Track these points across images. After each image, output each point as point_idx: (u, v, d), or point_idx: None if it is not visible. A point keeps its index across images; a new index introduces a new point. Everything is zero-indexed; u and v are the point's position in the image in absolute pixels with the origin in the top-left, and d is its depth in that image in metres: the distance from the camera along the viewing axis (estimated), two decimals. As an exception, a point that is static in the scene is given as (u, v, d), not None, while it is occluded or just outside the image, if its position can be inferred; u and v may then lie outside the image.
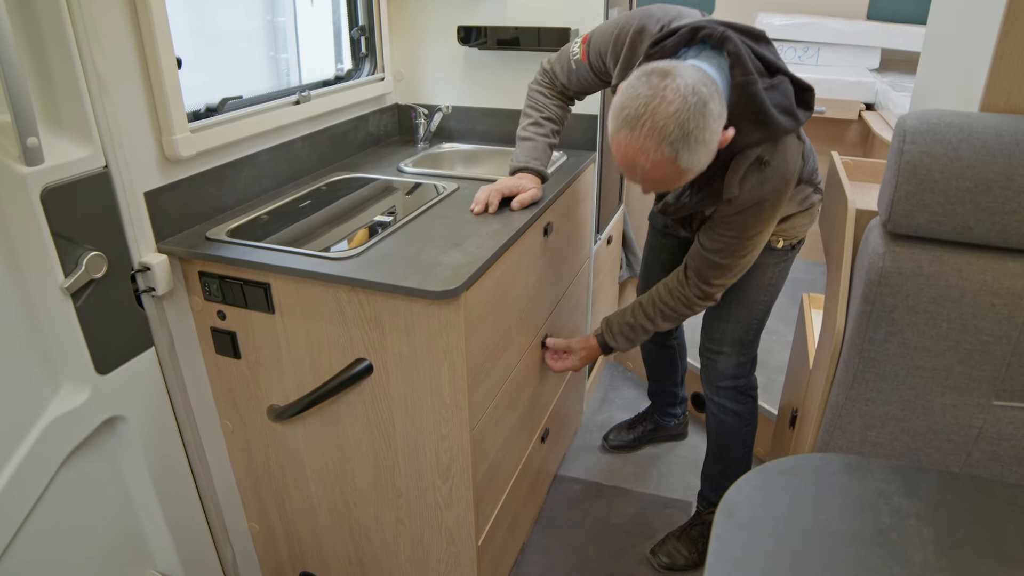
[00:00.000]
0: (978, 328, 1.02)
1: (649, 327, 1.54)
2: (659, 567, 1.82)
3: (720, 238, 1.38)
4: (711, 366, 1.69)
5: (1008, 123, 0.99)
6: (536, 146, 1.55)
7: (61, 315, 1.15)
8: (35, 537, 1.19)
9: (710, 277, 1.43)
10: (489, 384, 1.39)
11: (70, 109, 1.13)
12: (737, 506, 0.87)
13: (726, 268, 1.42)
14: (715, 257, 1.40)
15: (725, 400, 1.69)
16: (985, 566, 0.79)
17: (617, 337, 1.58)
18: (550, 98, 1.58)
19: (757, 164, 1.26)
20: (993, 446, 1.08)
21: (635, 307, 1.56)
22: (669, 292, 1.50)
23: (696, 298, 1.47)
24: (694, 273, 1.45)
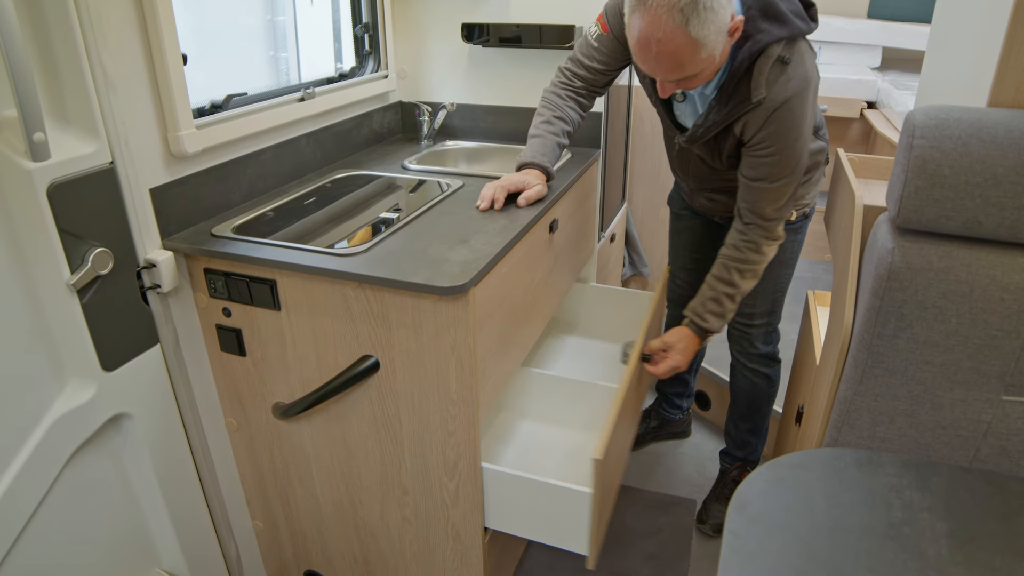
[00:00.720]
0: (987, 323, 1.02)
1: (732, 292, 1.51)
2: (713, 532, 1.95)
3: (762, 160, 1.37)
4: (744, 338, 1.82)
5: (1018, 118, 0.99)
6: (544, 143, 1.55)
7: (67, 311, 1.15)
8: (41, 534, 1.18)
9: (767, 210, 1.42)
10: (496, 380, 1.39)
11: (76, 105, 1.13)
12: (750, 500, 0.87)
13: (778, 193, 1.40)
14: (764, 184, 1.39)
15: (758, 365, 1.84)
16: (1000, 560, 0.79)
17: (707, 316, 1.54)
18: (564, 99, 1.58)
19: (779, 63, 1.29)
20: (1002, 441, 1.08)
21: (709, 281, 1.54)
22: (735, 247, 1.49)
23: (762, 239, 1.46)
24: (750, 214, 1.44)
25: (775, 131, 1.33)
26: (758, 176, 1.39)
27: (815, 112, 1.39)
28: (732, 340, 1.87)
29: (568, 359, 1.95)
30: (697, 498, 2.08)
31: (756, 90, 1.29)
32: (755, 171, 1.39)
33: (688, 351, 1.58)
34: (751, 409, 1.93)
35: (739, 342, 1.85)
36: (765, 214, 1.43)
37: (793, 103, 1.30)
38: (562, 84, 1.59)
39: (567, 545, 1.40)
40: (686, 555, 1.89)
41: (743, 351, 1.85)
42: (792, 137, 1.33)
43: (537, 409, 1.73)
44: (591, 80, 1.56)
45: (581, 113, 1.61)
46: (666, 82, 1.27)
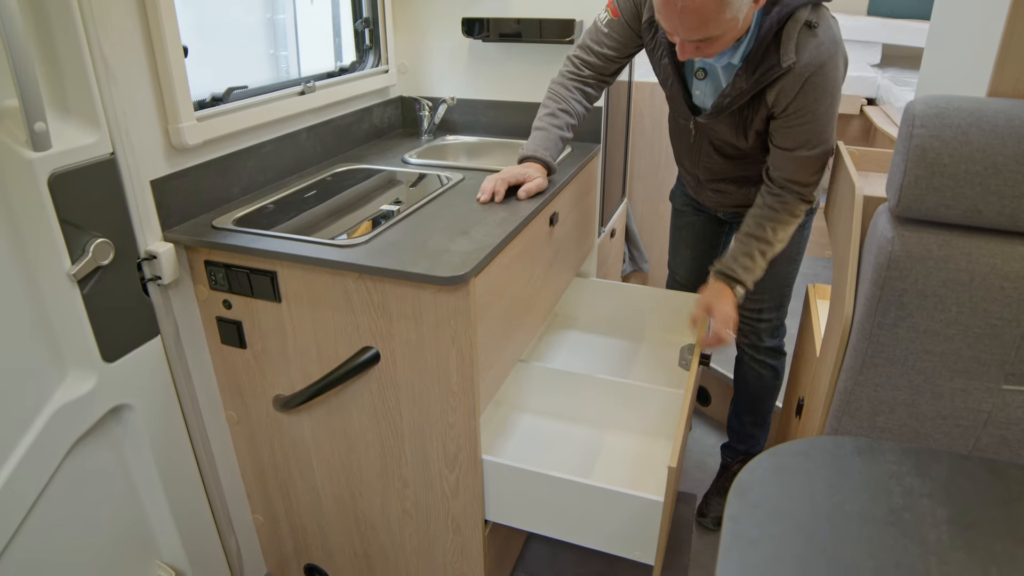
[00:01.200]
0: (987, 312, 1.02)
1: (764, 248, 1.48)
2: (713, 526, 1.95)
3: (800, 128, 1.36)
4: (752, 332, 1.83)
5: (1018, 107, 0.99)
6: (548, 136, 1.55)
7: (68, 301, 1.15)
8: (41, 525, 1.18)
9: (804, 178, 1.42)
10: (497, 372, 1.39)
11: (77, 95, 1.13)
12: (750, 487, 0.87)
13: (816, 160, 1.40)
14: (803, 152, 1.39)
15: (765, 357, 1.86)
16: (1000, 545, 0.79)
17: (737, 269, 1.50)
18: (570, 91, 1.58)
19: (807, 28, 1.28)
20: (1002, 430, 1.08)
21: (740, 238, 1.51)
22: (769, 207, 1.47)
23: (798, 201, 1.45)
24: (786, 182, 1.44)
25: (812, 98, 1.32)
26: (796, 144, 1.38)
27: (844, 80, 1.38)
28: (740, 333, 1.87)
29: (568, 354, 1.95)
30: (698, 492, 2.08)
31: (786, 55, 1.29)
32: (792, 140, 1.38)
33: (725, 300, 1.51)
34: (756, 402, 1.94)
35: (747, 335, 1.86)
36: (803, 180, 1.43)
37: (827, 67, 1.30)
38: (569, 74, 1.59)
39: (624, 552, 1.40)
40: (686, 548, 1.89)
41: (751, 344, 1.86)
42: (827, 102, 1.33)
43: (537, 403, 1.73)
44: (600, 68, 1.56)
45: (587, 105, 1.60)
46: (687, 43, 1.25)
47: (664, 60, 1.47)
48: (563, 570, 1.81)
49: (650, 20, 1.45)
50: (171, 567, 1.48)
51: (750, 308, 1.80)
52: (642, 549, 1.36)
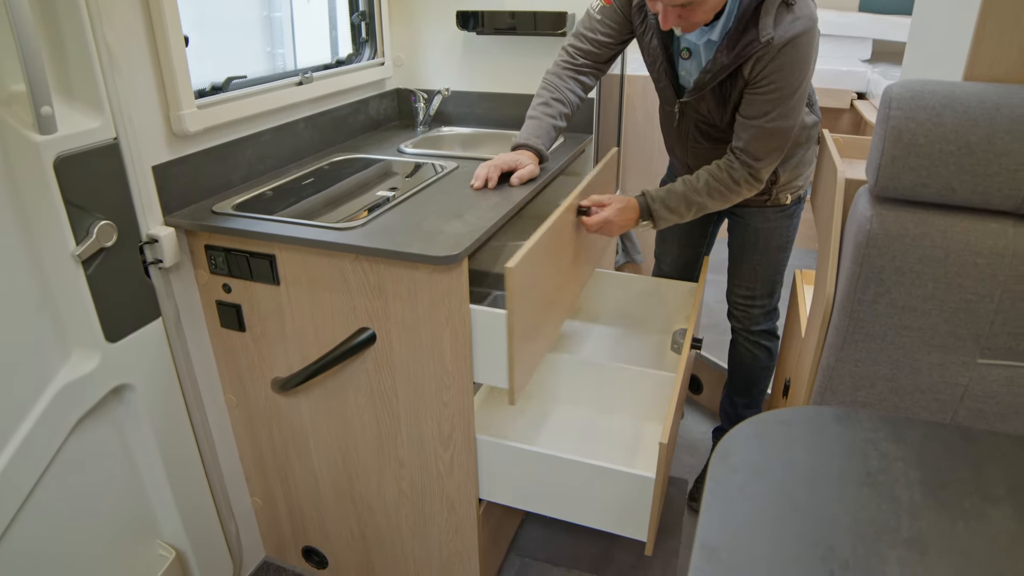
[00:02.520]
0: (962, 287, 1.06)
1: (692, 197, 1.51)
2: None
3: (762, 97, 1.40)
4: (747, 316, 1.89)
5: (989, 90, 1.03)
6: (540, 125, 1.59)
7: (72, 282, 1.18)
8: (45, 504, 1.21)
9: (758, 151, 1.45)
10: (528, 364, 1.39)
11: (82, 81, 1.16)
12: (732, 452, 0.91)
13: (772, 134, 1.43)
14: (761, 122, 1.42)
15: (759, 339, 1.92)
16: (969, 502, 0.83)
17: (657, 199, 1.52)
18: (565, 80, 1.61)
19: (783, 5, 1.34)
20: (979, 404, 1.12)
21: (680, 179, 1.53)
22: (717, 167, 1.50)
23: (746, 176, 1.48)
24: (742, 153, 1.47)
25: (779, 67, 1.36)
26: (757, 114, 1.42)
27: (815, 59, 1.42)
28: (735, 319, 1.93)
29: (561, 340, 1.99)
30: (688, 478, 2.11)
31: (764, 31, 1.33)
32: (753, 108, 1.42)
33: (623, 215, 1.51)
34: (749, 383, 1.99)
35: (741, 320, 1.91)
36: (756, 154, 1.45)
37: (800, 41, 1.34)
38: (564, 63, 1.62)
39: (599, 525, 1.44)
40: (677, 532, 1.92)
41: (744, 327, 1.91)
42: (796, 77, 1.37)
43: (530, 386, 1.76)
44: (594, 55, 1.60)
45: (581, 95, 1.64)
46: (669, 8, 1.29)
47: (653, 42, 1.51)
48: (557, 552, 1.85)
49: (640, 4, 1.50)
50: (172, 547, 1.51)
51: (744, 296, 1.85)
52: (635, 526, 1.40)
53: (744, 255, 1.80)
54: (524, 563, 1.82)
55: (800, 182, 1.70)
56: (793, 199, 1.71)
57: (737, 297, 1.87)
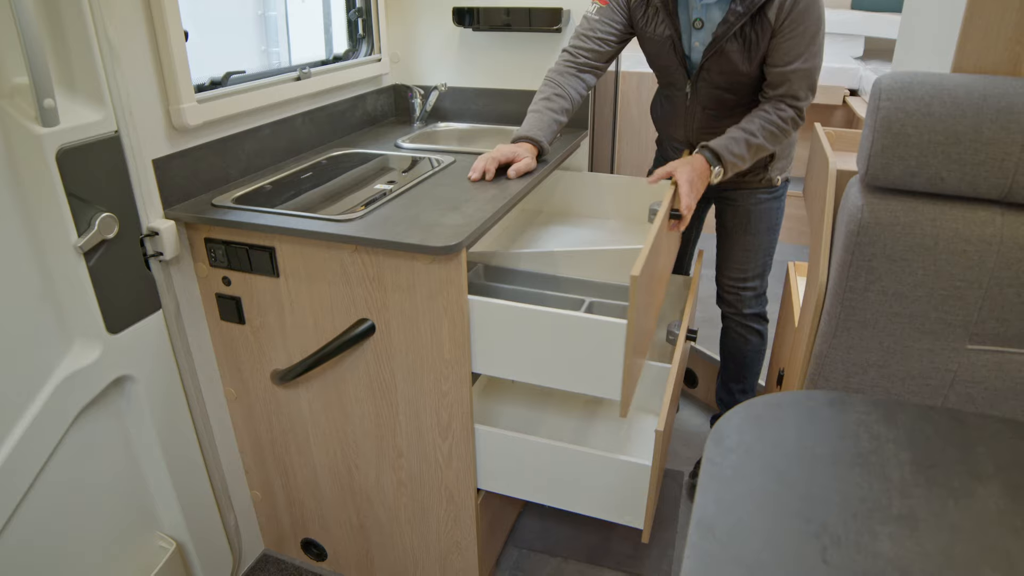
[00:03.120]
0: (951, 274, 1.08)
1: (752, 140, 1.55)
2: None
3: (796, 40, 1.48)
4: (739, 300, 1.93)
5: (976, 81, 1.05)
6: (541, 119, 1.63)
7: (74, 273, 1.19)
8: (46, 495, 1.22)
9: (800, 91, 1.54)
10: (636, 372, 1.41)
11: (83, 74, 1.17)
12: (727, 434, 0.93)
13: (810, 74, 1.53)
14: (799, 63, 1.50)
15: (751, 323, 1.96)
16: (958, 481, 0.85)
17: (721, 150, 1.55)
18: (566, 77, 1.66)
19: None
20: (968, 389, 1.14)
21: (730, 131, 1.58)
22: (765, 111, 1.56)
23: (792, 118, 1.56)
24: (785, 97, 1.55)
25: (804, 6, 1.46)
26: (792, 57, 1.50)
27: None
28: (726, 303, 1.97)
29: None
30: (684, 470, 2.14)
31: None
32: (789, 54, 1.50)
33: (696, 172, 1.54)
34: (743, 369, 2.03)
35: (733, 304, 1.95)
36: (799, 94, 1.54)
37: None
38: (566, 63, 1.68)
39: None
40: (673, 523, 1.94)
41: (737, 311, 1.96)
42: (816, 14, 1.48)
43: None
44: (595, 53, 1.66)
45: (582, 92, 1.68)
46: None
47: (660, 27, 1.58)
48: (555, 543, 1.87)
49: None
50: (172, 538, 1.52)
51: (736, 278, 1.89)
52: (632, 514, 1.42)
53: (735, 237, 1.84)
54: (522, 554, 1.84)
55: (787, 163, 1.78)
56: (782, 180, 1.78)
57: (729, 281, 1.91)
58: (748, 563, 0.73)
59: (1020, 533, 0.77)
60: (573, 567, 1.80)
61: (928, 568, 0.73)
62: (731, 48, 1.53)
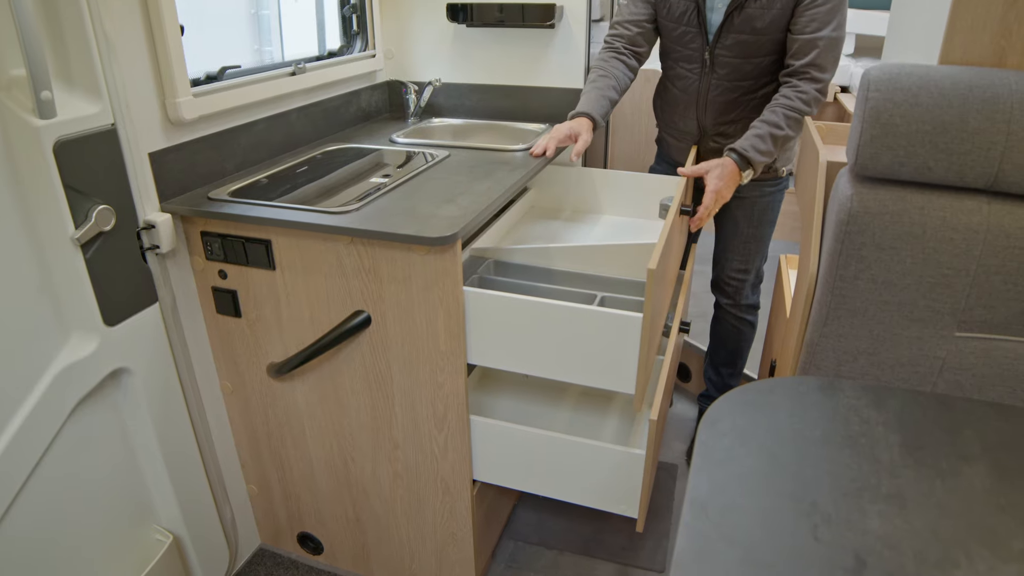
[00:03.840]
0: (939, 262, 1.10)
1: (776, 132, 1.59)
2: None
3: (823, 8, 1.53)
4: (736, 291, 1.98)
5: (962, 72, 1.07)
6: (590, 96, 1.73)
7: (71, 265, 1.20)
8: (43, 487, 1.23)
9: (825, 63, 1.56)
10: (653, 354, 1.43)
11: (80, 67, 1.18)
12: (719, 418, 0.94)
13: (836, 45, 1.56)
14: (827, 31, 1.54)
15: (745, 314, 2.02)
16: (946, 462, 0.87)
17: (749, 149, 1.59)
18: (607, 60, 1.77)
19: None
20: (956, 376, 1.16)
21: (755, 124, 1.61)
22: (786, 97, 1.59)
23: (814, 93, 1.58)
24: (807, 68, 1.57)
25: None
26: (818, 28, 1.54)
27: None
28: (724, 294, 2.01)
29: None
30: (679, 463, 2.15)
31: None
32: (815, 23, 1.54)
33: (726, 178, 1.59)
34: (734, 355, 2.09)
35: (732, 295, 2.00)
36: (824, 66, 1.56)
37: None
38: (606, 49, 1.79)
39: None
40: (667, 515, 1.96)
41: (734, 303, 2.00)
42: None
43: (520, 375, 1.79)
44: (630, 37, 1.76)
45: (627, 72, 1.78)
46: None
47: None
48: (550, 535, 1.88)
49: None
50: (169, 531, 1.53)
51: (738, 269, 1.94)
52: (626, 503, 1.43)
53: (739, 229, 1.88)
54: (517, 546, 1.85)
55: (790, 155, 1.82)
56: (787, 172, 1.83)
57: (732, 271, 1.95)
58: (740, 541, 0.74)
59: (1005, 510, 0.79)
60: (568, 559, 1.81)
61: (916, 544, 0.74)
62: (751, 5, 1.56)
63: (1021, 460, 0.87)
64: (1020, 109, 1.02)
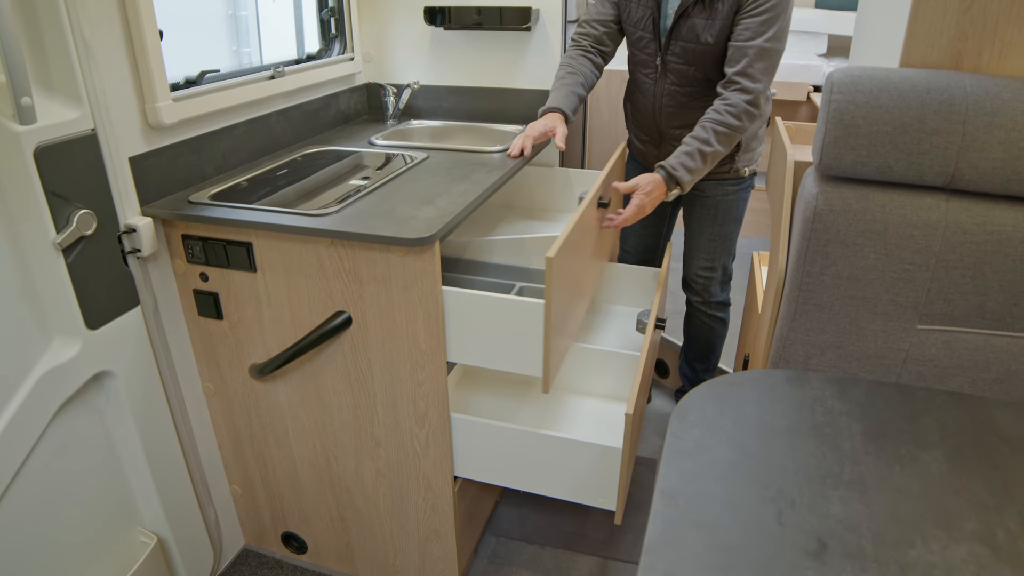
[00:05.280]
0: (901, 258, 1.14)
1: (705, 149, 1.59)
2: None
3: (760, 18, 1.54)
4: (705, 289, 2.02)
5: (921, 75, 1.12)
6: (559, 93, 1.77)
7: (53, 269, 1.21)
8: (26, 491, 1.24)
9: (757, 73, 1.57)
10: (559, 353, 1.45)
11: (60, 73, 1.19)
12: (690, 410, 0.98)
13: (771, 55, 1.57)
14: (760, 41, 1.55)
15: (715, 311, 2.06)
16: (905, 449, 0.91)
17: (677, 166, 1.60)
18: (574, 58, 1.80)
19: None
20: (919, 367, 1.20)
21: (686, 140, 1.63)
22: (716, 111, 1.60)
23: (744, 105, 1.57)
24: (738, 77, 1.58)
25: None
26: (754, 35, 1.55)
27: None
28: (692, 291, 2.06)
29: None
30: (657, 457, 2.19)
31: None
32: (751, 30, 1.55)
33: (654, 194, 1.62)
34: (707, 351, 2.15)
35: (701, 293, 2.04)
36: (755, 76, 1.57)
37: None
38: (574, 47, 1.82)
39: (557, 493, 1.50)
40: (646, 509, 1.99)
41: (703, 300, 2.05)
42: (783, 1, 1.55)
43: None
44: (596, 36, 1.80)
45: (594, 70, 1.81)
46: None
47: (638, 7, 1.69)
48: (531, 531, 1.91)
49: None
50: (153, 533, 1.54)
51: (704, 267, 1.97)
52: (604, 496, 1.46)
53: (704, 228, 1.92)
54: (499, 542, 1.88)
55: (755, 156, 1.85)
56: (749, 172, 1.86)
57: (698, 270, 1.99)
58: (708, 525, 0.77)
59: (959, 494, 0.83)
60: (550, 553, 1.84)
61: (874, 527, 0.78)
62: (696, 14, 1.60)
63: (976, 447, 0.92)
64: (975, 110, 1.06)
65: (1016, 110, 1.05)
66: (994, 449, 0.91)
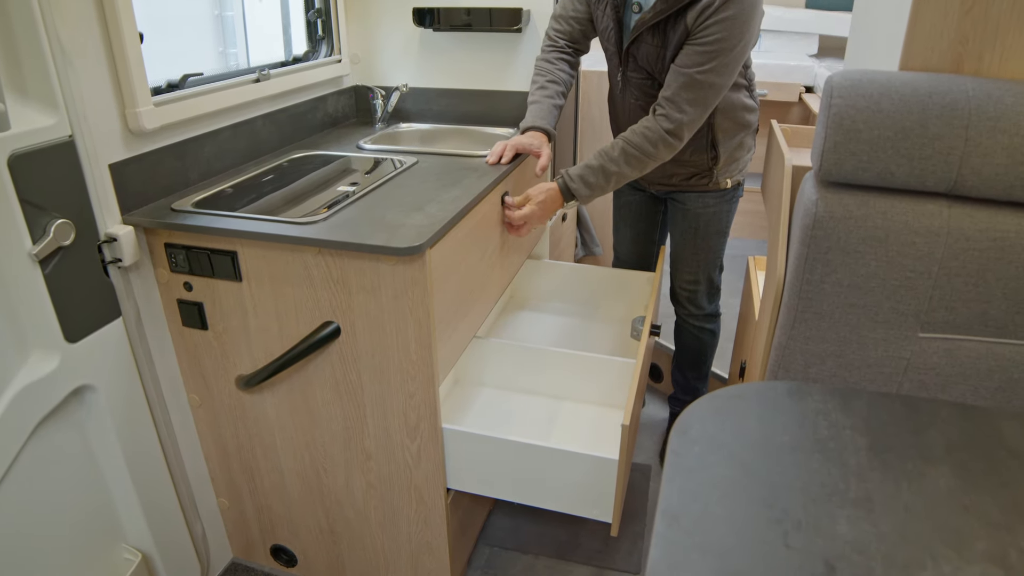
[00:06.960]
0: (902, 265, 1.12)
1: (610, 167, 1.56)
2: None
3: (703, 48, 1.44)
4: (691, 300, 1.99)
5: (922, 78, 1.09)
6: (542, 107, 1.70)
7: (30, 281, 1.17)
8: (6, 508, 1.19)
9: (683, 102, 1.48)
10: (453, 344, 1.44)
11: (35, 78, 1.15)
12: (690, 426, 0.95)
13: (702, 88, 1.47)
14: (694, 71, 1.46)
15: (704, 323, 2.03)
16: (911, 464, 0.88)
17: (576, 178, 1.58)
18: (552, 62, 1.74)
19: None
20: (921, 376, 1.18)
21: (596, 151, 1.60)
22: (633, 132, 1.55)
23: (662, 134, 1.51)
24: (665, 103, 1.51)
25: (722, 19, 1.40)
26: (690, 63, 1.46)
27: (758, 26, 1.49)
28: (679, 303, 2.01)
29: (524, 330, 2.02)
30: (652, 464, 2.16)
31: None
32: (690, 58, 1.46)
33: (546, 205, 1.60)
34: (698, 360, 2.12)
35: (686, 304, 2.00)
36: (681, 105, 1.49)
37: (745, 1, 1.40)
38: (548, 48, 1.76)
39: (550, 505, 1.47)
40: (642, 516, 1.97)
41: (690, 311, 2.01)
42: (736, 34, 1.42)
43: (494, 377, 1.79)
44: (571, 35, 1.75)
45: (571, 73, 1.77)
46: None
47: (607, 9, 1.62)
48: (525, 541, 1.88)
49: None
50: (137, 550, 1.50)
51: (689, 281, 1.94)
52: (600, 508, 1.44)
53: (686, 241, 1.89)
54: (493, 552, 1.84)
55: (740, 166, 1.79)
56: (733, 184, 1.80)
57: (683, 283, 1.96)
58: (713, 549, 0.74)
59: (968, 510, 0.80)
60: (544, 563, 1.81)
61: (884, 547, 0.75)
62: (648, 38, 1.55)
63: (983, 461, 0.89)
64: (977, 115, 1.04)
65: (1020, 115, 1.03)
66: (1002, 464, 0.89)
